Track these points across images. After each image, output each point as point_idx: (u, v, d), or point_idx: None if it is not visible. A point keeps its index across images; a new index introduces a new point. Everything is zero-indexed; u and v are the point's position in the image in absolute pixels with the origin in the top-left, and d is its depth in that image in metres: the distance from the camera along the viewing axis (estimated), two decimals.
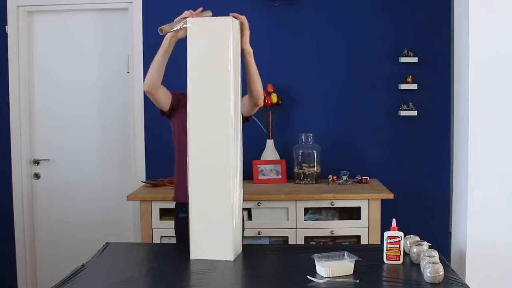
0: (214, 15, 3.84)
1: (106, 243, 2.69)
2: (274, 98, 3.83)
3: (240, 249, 2.53)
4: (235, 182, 2.45)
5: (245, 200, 2.70)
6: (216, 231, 2.41)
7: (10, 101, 4.04)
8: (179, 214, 2.76)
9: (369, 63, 3.95)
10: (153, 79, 2.58)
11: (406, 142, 3.98)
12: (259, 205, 3.44)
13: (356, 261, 2.19)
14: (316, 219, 3.52)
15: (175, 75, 2.72)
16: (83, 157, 4.14)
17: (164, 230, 3.41)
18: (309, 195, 3.45)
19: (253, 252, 2.58)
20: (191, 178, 2.43)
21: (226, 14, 2.44)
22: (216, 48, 2.40)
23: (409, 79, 3.89)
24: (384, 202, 3.48)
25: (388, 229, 2.35)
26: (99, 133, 4.14)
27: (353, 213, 3.51)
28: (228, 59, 2.38)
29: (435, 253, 2.22)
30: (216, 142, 2.41)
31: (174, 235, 2.85)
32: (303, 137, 3.81)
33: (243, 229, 2.75)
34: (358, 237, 3.47)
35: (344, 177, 3.74)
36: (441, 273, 2.09)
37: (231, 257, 2.41)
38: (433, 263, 2.11)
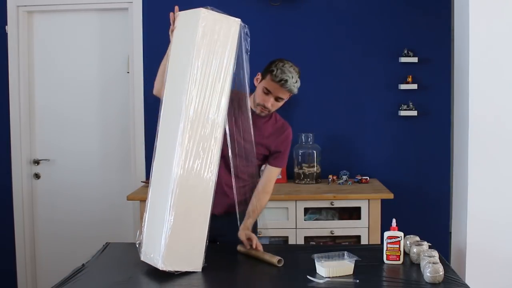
0: None
1: (106, 243, 2.69)
2: None
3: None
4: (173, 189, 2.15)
5: None
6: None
7: (10, 101, 4.04)
8: None
9: (369, 63, 3.95)
10: (158, 83, 2.52)
11: (406, 142, 3.98)
12: None
13: (356, 261, 2.19)
14: (316, 219, 3.52)
15: None
16: (83, 157, 4.14)
17: None
18: (309, 195, 3.46)
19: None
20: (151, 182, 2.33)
21: (226, 13, 2.40)
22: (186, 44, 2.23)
23: (409, 79, 3.89)
24: (384, 202, 3.48)
25: (388, 229, 2.35)
26: (99, 133, 4.14)
27: (353, 213, 3.51)
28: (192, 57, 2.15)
29: (435, 253, 2.21)
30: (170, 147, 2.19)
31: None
32: (303, 137, 3.81)
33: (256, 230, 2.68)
34: (358, 237, 3.47)
35: (344, 177, 3.74)
36: (441, 273, 2.08)
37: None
38: (433, 263, 2.11)
